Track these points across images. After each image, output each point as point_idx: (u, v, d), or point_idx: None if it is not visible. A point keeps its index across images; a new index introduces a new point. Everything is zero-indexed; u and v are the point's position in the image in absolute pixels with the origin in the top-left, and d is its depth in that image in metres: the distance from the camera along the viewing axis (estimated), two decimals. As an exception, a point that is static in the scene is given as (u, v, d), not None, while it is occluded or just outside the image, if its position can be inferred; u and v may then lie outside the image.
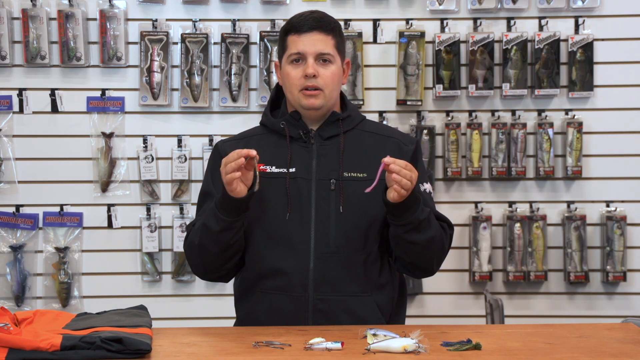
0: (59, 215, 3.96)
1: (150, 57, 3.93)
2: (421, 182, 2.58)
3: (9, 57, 3.91)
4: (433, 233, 2.52)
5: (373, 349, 2.17)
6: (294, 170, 2.57)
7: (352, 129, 2.63)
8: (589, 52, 3.94)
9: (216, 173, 2.54)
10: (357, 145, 2.61)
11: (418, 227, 2.48)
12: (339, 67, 2.59)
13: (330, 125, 2.61)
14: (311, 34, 2.55)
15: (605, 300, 4.03)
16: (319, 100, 2.56)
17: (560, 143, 3.99)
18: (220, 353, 2.21)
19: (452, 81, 3.94)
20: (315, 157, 2.59)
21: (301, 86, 2.55)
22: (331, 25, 2.58)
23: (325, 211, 2.55)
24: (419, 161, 2.63)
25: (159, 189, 3.98)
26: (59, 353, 2.09)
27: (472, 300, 4.01)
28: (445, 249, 2.62)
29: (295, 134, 2.61)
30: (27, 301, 3.95)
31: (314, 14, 2.59)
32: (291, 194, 2.55)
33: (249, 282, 2.62)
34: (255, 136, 2.68)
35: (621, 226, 3.95)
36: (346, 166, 2.57)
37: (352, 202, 2.55)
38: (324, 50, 2.55)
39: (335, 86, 2.59)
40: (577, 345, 2.26)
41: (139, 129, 3.98)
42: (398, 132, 2.75)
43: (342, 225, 2.54)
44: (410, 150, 2.61)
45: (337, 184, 2.55)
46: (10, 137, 3.95)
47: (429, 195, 2.63)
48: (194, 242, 2.56)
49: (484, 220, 3.96)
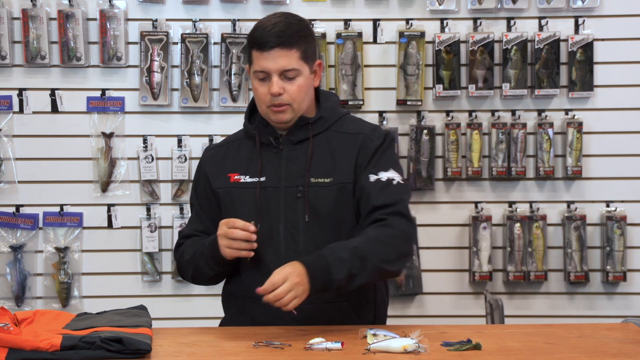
0: (59, 215, 3.96)
1: (150, 57, 3.93)
2: (380, 171, 2.52)
3: (9, 57, 3.91)
4: (372, 267, 2.39)
5: (373, 349, 2.17)
6: (264, 179, 2.58)
7: (323, 131, 2.60)
8: (589, 52, 3.94)
9: (199, 186, 2.70)
10: (326, 148, 2.58)
11: (347, 283, 2.37)
12: (306, 77, 2.56)
13: (299, 129, 2.59)
14: (273, 52, 2.50)
15: (605, 300, 4.03)
16: (287, 114, 2.55)
17: (560, 143, 3.99)
18: (220, 353, 2.21)
19: (452, 81, 3.94)
20: (284, 163, 2.58)
21: (268, 102, 2.54)
22: (294, 38, 2.52)
23: (293, 220, 2.54)
24: (383, 153, 2.56)
25: (159, 189, 3.98)
26: (59, 353, 2.09)
27: (472, 300, 4.01)
28: (399, 250, 2.49)
29: (265, 140, 2.61)
30: (27, 301, 3.95)
31: (275, 28, 2.51)
32: (261, 205, 2.56)
33: (229, 290, 2.69)
34: (235, 141, 2.70)
35: (621, 226, 3.95)
36: (314, 171, 2.55)
37: (318, 210, 2.53)
38: (287, 67, 2.51)
39: (304, 97, 2.56)
40: (577, 345, 2.26)
41: (139, 129, 3.98)
42: (370, 127, 2.65)
43: (311, 234, 2.53)
44: (374, 146, 2.56)
45: (304, 191, 2.54)
46: (10, 137, 3.95)
47: (396, 186, 2.54)
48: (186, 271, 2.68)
49: (484, 220, 3.96)
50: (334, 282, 2.35)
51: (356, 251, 2.38)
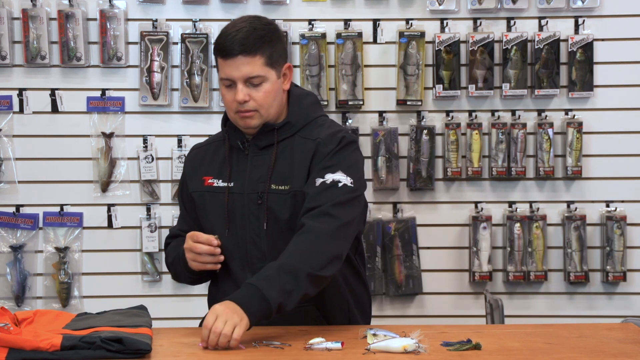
0: (59, 215, 3.96)
1: (150, 57, 3.93)
2: (326, 173, 2.47)
3: (9, 57, 3.91)
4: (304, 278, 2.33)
5: (373, 349, 2.17)
6: (232, 184, 2.58)
7: (290, 136, 2.57)
8: (589, 52, 3.94)
9: (183, 186, 2.73)
10: (288, 154, 2.56)
11: (286, 300, 2.30)
12: (273, 82, 2.52)
13: (265, 134, 2.57)
14: (237, 59, 2.48)
15: (605, 300, 4.03)
16: (255, 120, 2.54)
17: (560, 143, 3.99)
18: (220, 353, 2.21)
19: (452, 81, 3.94)
20: (248, 168, 2.57)
21: (235, 109, 2.53)
22: (257, 44, 2.48)
23: (255, 226, 2.54)
24: (334, 155, 2.50)
25: (159, 189, 3.98)
26: (59, 353, 2.09)
27: (472, 300, 4.01)
28: (325, 252, 2.39)
29: (234, 144, 2.61)
30: (27, 301, 3.95)
31: (238, 35, 2.47)
32: (229, 211, 2.57)
33: (212, 292, 2.73)
34: (215, 143, 2.71)
35: (621, 226, 3.95)
36: (274, 178, 2.54)
37: (277, 217, 2.52)
38: (251, 74, 2.49)
39: (271, 102, 2.53)
40: (577, 345, 2.26)
41: (139, 129, 3.98)
42: (329, 132, 2.58)
43: (272, 240, 2.53)
44: (327, 151, 2.51)
45: (264, 198, 2.53)
46: (10, 137, 3.95)
47: (340, 188, 2.46)
48: (170, 271, 2.75)
49: (484, 220, 3.95)
50: (271, 303, 2.26)
51: (283, 267, 2.32)
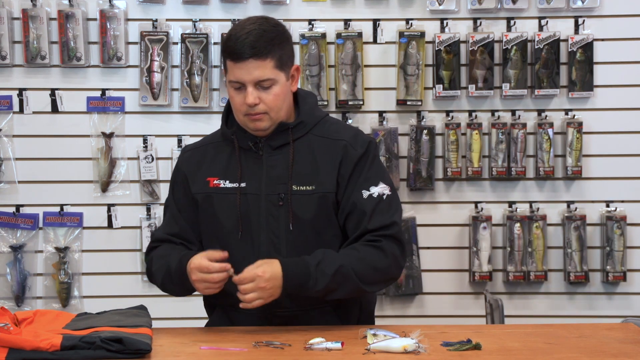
0: (59, 215, 3.96)
1: (150, 57, 3.93)
2: (371, 186, 2.50)
3: (9, 57, 3.91)
4: (352, 286, 2.42)
5: (373, 349, 2.17)
6: (244, 185, 2.53)
7: (304, 135, 2.55)
8: (588, 52, 3.94)
9: (177, 187, 2.66)
10: (307, 153, 2.54)
11: (324, 295, 2.40)
12: (282, 84, 2.50)
13: (279, 134, 2.54)
14: (247, 63, 2.45)
15: (605, 300, 4.03)
16: (265, 122, 2.51)
17: (560, 143, 3.99)
18: (220, 353, 2.21)
19: (452, 81, 3.94)
20: (264, 169, 2.53)
21: (245, 112, 2.50)
22: (268, 47, 2.45)
23: (275, 228, 2.51)
24: (367, 164, 2.53)
25: (159, 189, 3.98)
26: (59, 353, 2.09)
27: (472, 300, 4.01)
28: (386, 274, 2.49)
29: (244, 145, 2.56)
30: (27, 301, 3.95)
31: (249, 38, 2.44)
32: (242, 212, 2.53)
33: (210, 297, 2.64)
34: (213, 144, 2.65)
35: (621, 226, 3.95)
36: (295, 178, 2.51)
37: (300, 218, 2.50)
38: (262, 77, 2.46)
39: (281, 105, 2.51)
40: (577, 345, 2.26)
41: (139, 129, 3.98)
42: (351, 133, 2.60)
43: (293, 242, 2.50)
44: (357, 155, 2.52)
45: (286, 199, 2.50)
46: (10, 137, 3.95)
47: (386, 202, 2.51)
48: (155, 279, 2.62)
49: (484, 220, 3.95)
50: (310, 291, 2.39)
51: (341, 269, 2.39)
